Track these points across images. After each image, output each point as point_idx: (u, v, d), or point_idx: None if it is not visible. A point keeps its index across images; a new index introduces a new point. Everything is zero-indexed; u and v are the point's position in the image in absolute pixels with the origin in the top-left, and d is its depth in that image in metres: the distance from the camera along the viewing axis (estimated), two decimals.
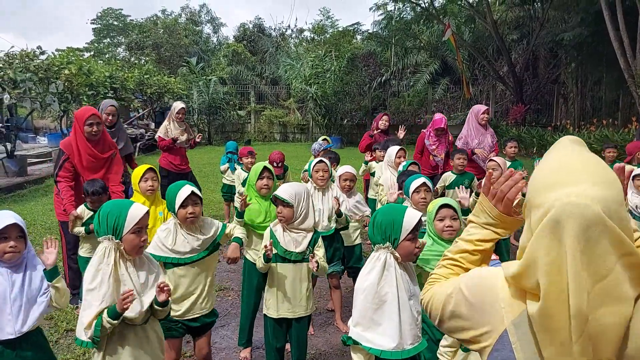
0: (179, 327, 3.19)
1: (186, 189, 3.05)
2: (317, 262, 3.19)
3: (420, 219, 2.56)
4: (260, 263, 3.28)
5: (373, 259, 2.57)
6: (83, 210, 4.37)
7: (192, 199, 3.04)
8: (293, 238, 3.31)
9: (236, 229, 3.42)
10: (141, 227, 2.46)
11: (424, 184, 3.79)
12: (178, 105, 7.37)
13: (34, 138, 20.06)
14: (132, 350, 2.50)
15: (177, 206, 3.01)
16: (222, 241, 3.29)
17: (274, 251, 3.26)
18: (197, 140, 7.52)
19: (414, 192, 3.80)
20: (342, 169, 4.69)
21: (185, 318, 3.18)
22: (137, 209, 2.48)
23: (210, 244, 3.19)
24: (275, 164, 6.38)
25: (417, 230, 2.56)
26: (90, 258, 4.24)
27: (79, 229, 4.33)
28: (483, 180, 1.60)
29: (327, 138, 7.50)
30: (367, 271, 2.56)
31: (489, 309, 1.26)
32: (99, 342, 2.40)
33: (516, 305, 1.22)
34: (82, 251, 4.46)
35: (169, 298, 2.62)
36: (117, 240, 2.42)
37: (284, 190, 3.28)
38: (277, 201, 3.30)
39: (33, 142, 19.36)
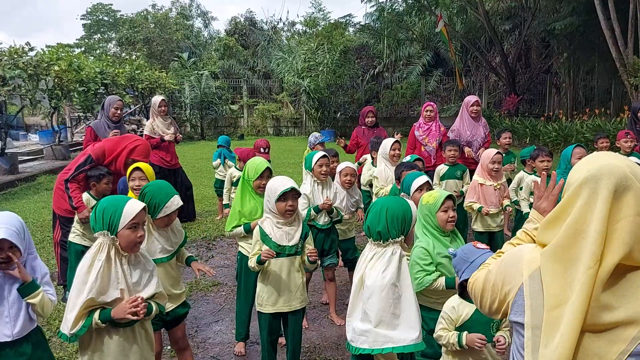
0: (157, 321, 3.16)
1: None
2: (314, 256, 3.27)
3: None
4: (252, 263, 3.24)
5: (386, 255, 2.53)
6: (88, 199, 4.49)
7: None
8: (285, 232, 3.28)
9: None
10: (137, 222, 2.44)
11: (427, 182, 3.75)
12: (157, 99, 7.30)
13: (25, 135, 19.92)
14: (119, 348, 2.48)
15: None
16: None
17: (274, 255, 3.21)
18: (179, 139, 7.42)
19: (416, 190, 3.73)
20: (343, 165, 4.74)
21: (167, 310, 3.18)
22: (133, 204, 2.46)
23: (179, 245, 3.29)
24: (262, 149, 6.37)
25: None
26: (77, 244, 4.41)
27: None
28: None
29: (319, 134, 7.50)
30: (382, 269, 2.51)
31: (514, 270, 1.46)
32: (75, 340, 2.38)
33: (533, 263, 1.40)
34: (72, 236, 4.54)
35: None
36: (112, 236, 2.40)
37: (292, 183, 3.26)
38: (286, 197, 3.21)
39: (24, 140, 19.22)
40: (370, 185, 6.26)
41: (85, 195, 4.53)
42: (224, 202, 6.97)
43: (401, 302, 2.50)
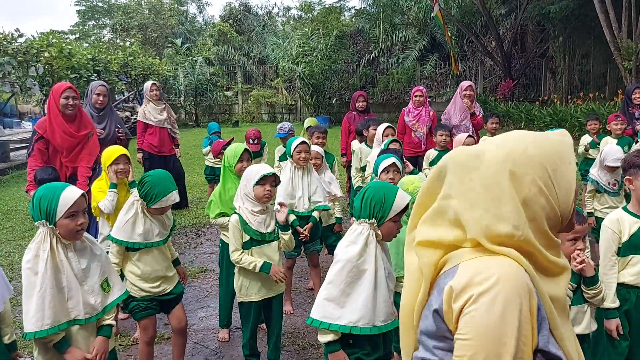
0: (154, 305, 3.25)
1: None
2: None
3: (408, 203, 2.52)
4: (256, 269, 3.23)
5: (355, 233, 2.51)
6: None
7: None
8: (262, 219, 3.27)
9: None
10: (76, 211, 2.36)
11: (393, 164, 3.71)
12: (148, 84, 7.27)
13: (18, 123, 19.87)
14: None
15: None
16: None
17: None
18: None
19: (382, 172, 3.73)
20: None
21: (160, 295, 3.26)
22: (70, 192, 2.37)
23: (171, 229, 3.36)
24: (251, 141, 6.32)
25: (404, 212, 2.53)
26: None
27: None
28: None
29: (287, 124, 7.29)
30: (348, 243, 2.51)
31: None
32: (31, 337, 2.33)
33: None
34: None
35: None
36: (51, 226, 2.34)
37: (268, 167, 3.26)
38: (265, 181, 3.19)
39: (18, 127, 19.17)
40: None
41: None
42: None
43: (358, 286, 2.47)
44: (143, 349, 3.30)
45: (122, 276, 3.17)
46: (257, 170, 3.23)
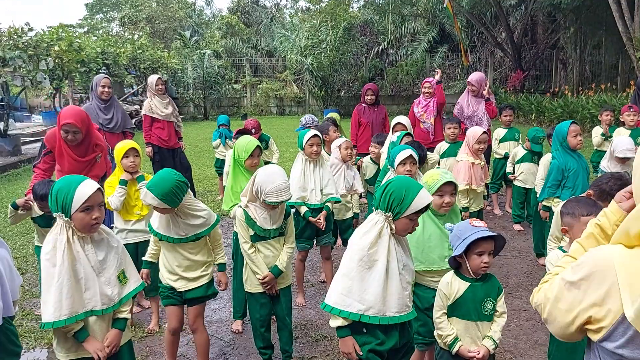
0: (176, 295, 3.25)
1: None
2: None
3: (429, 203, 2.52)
4: (259, 276, 3.31)
5: (370, 222, 2.54)
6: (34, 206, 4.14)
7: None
8: (270, 215, 3.26)
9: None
10: (91, 205, 2.37)
11: (410, 156, 3.69)
12: (153, 78, 7.20)
13: (29, 117, 19.96)
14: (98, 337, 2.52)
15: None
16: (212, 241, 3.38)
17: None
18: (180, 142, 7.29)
19: (399, 164, 3.71)
20: (341, 140, 4.84)
21: (180, 289, 3.24)
22: (85, 186, 2.39)
23: (196, 234, 3.18)
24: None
25: (423, 212, 2.54)
26: (38, 246, 4.21)
27: (21, 214, 4.08)
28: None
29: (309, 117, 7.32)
30: (363, 232, 2.54)
31: (606, 288, 1.22)
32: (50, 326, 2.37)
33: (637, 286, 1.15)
34: (35, 240, 4.39)
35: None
36: (66, 219, 2.37)
37: (286, 192, 3.15)
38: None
39: (28, 121, 19.26)
40: None
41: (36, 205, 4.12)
42: (224, 183, 6.94)
43: (369, 276, 2.50)
44: (166, 336, 3.42)
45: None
46: (270, 190, 3.11)
